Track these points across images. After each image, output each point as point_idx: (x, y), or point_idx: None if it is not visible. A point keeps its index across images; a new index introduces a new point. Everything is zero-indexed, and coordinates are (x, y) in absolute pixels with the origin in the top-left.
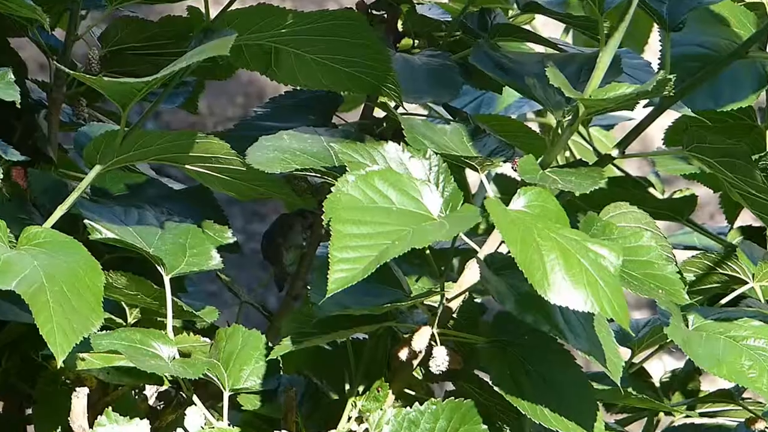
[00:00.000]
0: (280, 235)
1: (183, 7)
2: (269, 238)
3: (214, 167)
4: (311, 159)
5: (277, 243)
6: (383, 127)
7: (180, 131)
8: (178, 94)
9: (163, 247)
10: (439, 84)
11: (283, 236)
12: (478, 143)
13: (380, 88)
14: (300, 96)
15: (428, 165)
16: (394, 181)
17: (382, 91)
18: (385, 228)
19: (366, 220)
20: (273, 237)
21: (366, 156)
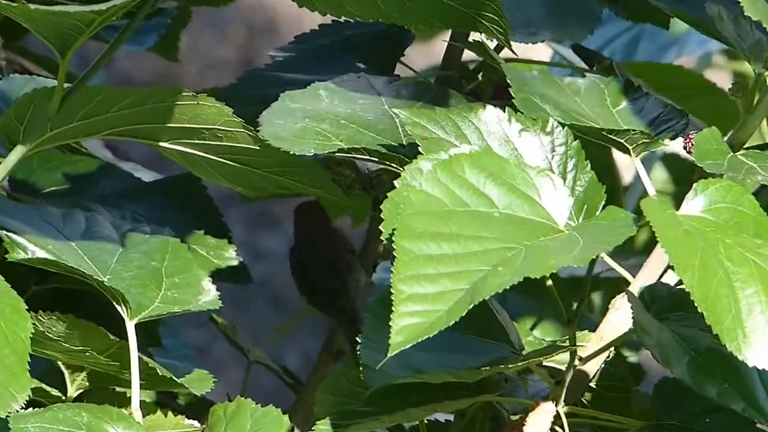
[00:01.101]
0: (343, 264)
1: None
2: (322, 270)
3: (208, 146)
4: (363, 132)
5: (338, 277)
6: (477, 81)
7: (153, 88)
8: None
9: (125, 274)
10: (565, 12)
11: (347, 267)
12: (630, 109)
13: (474, 19)
14: (342, 32)
15: (550, 144)
16: (495, 170)
17: (476, 25)
18: (481, 246)
19: (451, 233)
20: (330, 268)
21: (450, 129)
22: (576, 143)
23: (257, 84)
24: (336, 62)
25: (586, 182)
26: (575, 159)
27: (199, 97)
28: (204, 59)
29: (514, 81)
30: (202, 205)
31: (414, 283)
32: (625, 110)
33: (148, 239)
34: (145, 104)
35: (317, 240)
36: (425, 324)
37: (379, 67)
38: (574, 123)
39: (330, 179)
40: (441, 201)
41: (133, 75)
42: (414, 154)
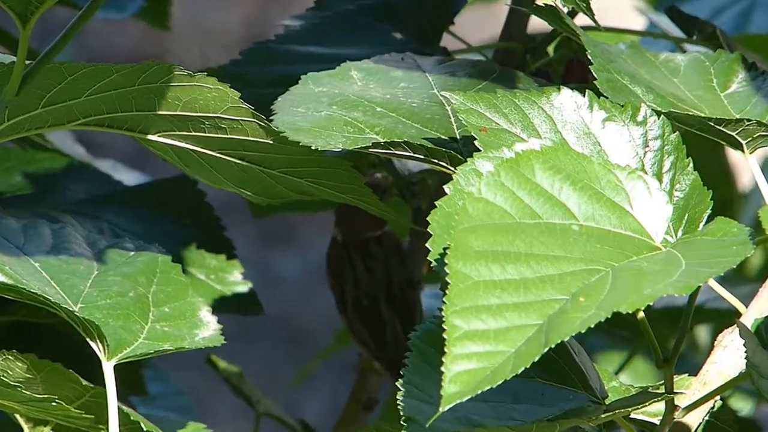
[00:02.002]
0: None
1: None
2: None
3: (208, 139)
4: (405, 123)
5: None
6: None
7: (138, 64)
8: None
9: (102, 303)
10: None
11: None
12: (743, 93)
13: None
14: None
15: (642, 137)
16: (573, 171)
17: None
18: (557, 268)
19: (518, 252)
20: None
21: (515, 118)
22: (675, 136)
23: (268, 60)
24: (366, 32)
25: (687, 186)
26: (674, 156)
27: (196, 77)
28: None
29: (597, 57)
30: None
31: (472, 316)
32: (736, 94)
33: (131, 258)
34: (128, 85)
35: (391, 266)
36: (487, 370)
37: (421, 37)
38: (673, 111)
39: (363, 182)
40: (505, 211)
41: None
42: (469, 150)
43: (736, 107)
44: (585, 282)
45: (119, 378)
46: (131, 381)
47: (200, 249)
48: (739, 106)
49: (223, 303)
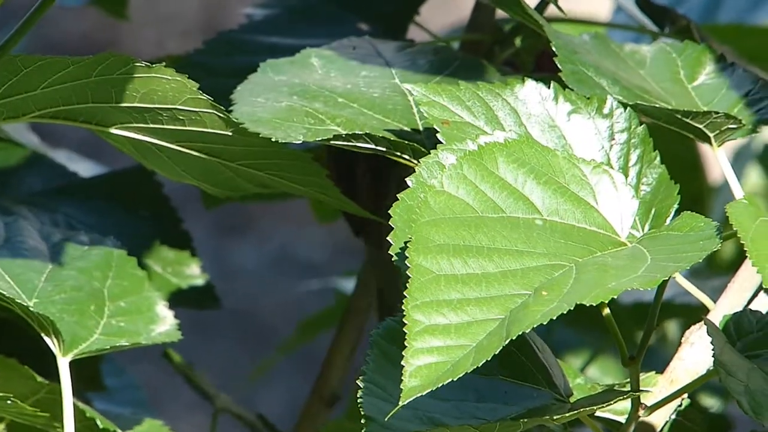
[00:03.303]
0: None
1: None
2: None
3: (166, 131)
4: (367, 114)
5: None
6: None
7: (95, 56)
8: None
9: (57, 297)
10: None
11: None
12: (711, 84)
13: None
14: None
15: (608, 129)
16: (537, 165)
17: None
18: (519, 263)
19: (480, 246)
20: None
21: (479, 110)
22: (641, 129)
23: (229, 50)
24: (331, 22)
25: (654, 179)
26: (640, 149)
27: (154, 68)
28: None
29: (562, 48)
30: (156, 208)
31: (433, 311)
32: (704, 86)
33: (86, 252)
34: (85, 77)
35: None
36: (447, 364)
37: (387, 27)
38: (639, 103)
39: (324, 174)
40: (467, 205)
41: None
42: (432, 142)
43: (704, 99)
44: (548, 277)
45: (76, 373)
46: (88, 376)
47: (157, 241)
48: (707, 98)
49: (180, 296)
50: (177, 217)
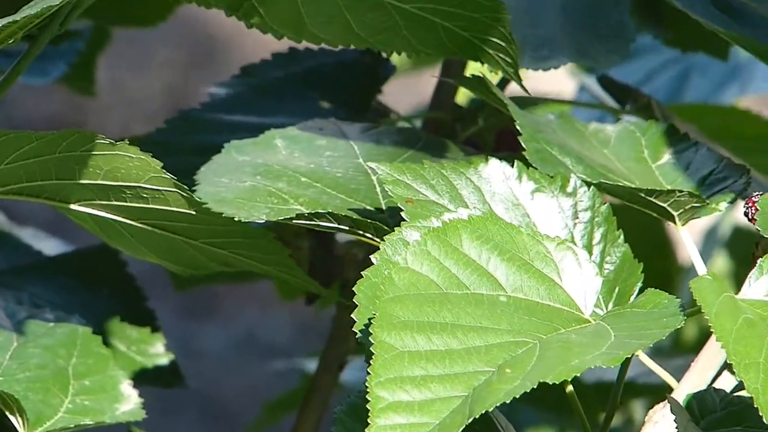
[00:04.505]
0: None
1: None
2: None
3: (130, 209)
4: (330, 193)
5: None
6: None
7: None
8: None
9: (21, 375)
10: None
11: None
12: (675, 163)
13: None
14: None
15: (571, 208)
16: (501, 242)
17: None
18: (483, 340)
19: (444, 323)
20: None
21: (443, 188)
22: (605, 208)
23: (192, 129)
24: (294, 101)
25: (618, 258)
26: (604, 228)
27: (118, 146)
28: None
29: (525, 127)
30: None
31: (396, 388)
32: (668, 165)
33: (51, 330)
34: (49, 154)
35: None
36: None
37: (349, 107)
38: (603, 182)
39: (287, 253)
40: (432, 281)
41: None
42: (396, 221)
43: (668, 178)
44: (512, 354)
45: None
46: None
47: (122, 320)
48: (671, 177)
49: (144, 375)
50: (141, 295)
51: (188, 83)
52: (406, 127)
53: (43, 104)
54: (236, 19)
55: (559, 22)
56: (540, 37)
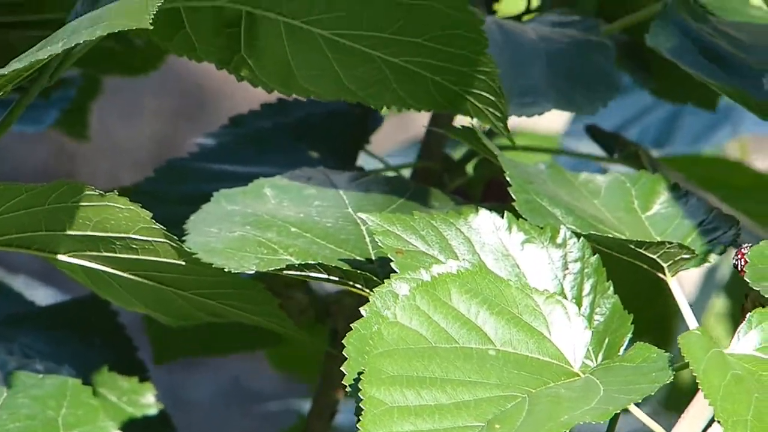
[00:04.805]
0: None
1: None
2: None
3: (119, 260)
4: (320, 244)
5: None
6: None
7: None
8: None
9: (12, 426)
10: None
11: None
12: (664, 214)
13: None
14: (290, 112)
15: (561, 259)
16: (490, 295)
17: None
18: (472, 394)
19: (433, 377)
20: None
21: (432, 239)
22: (594, 259)
23: (180, 178)
24: (282, 151)
25: (607, 309)
26: (593, 279)
27: (107, 197)
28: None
29: (515, 178)
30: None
31: None
32: (658, 216)
33: (41, 380)
34: (38, 205)
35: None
36: None
37: (337, 157)
38: (593, 233)
39: (277, 304)
40: (421, 336)
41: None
42: (385, 272)
43: (658, 229)
44: (501, 408)
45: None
46: None
47: (112, 370)
48: (661, 228)
49: (134, 426)
50: (132, 346)
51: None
52: (394, 177)
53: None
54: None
55: (544, 71)
56: (524, 85)
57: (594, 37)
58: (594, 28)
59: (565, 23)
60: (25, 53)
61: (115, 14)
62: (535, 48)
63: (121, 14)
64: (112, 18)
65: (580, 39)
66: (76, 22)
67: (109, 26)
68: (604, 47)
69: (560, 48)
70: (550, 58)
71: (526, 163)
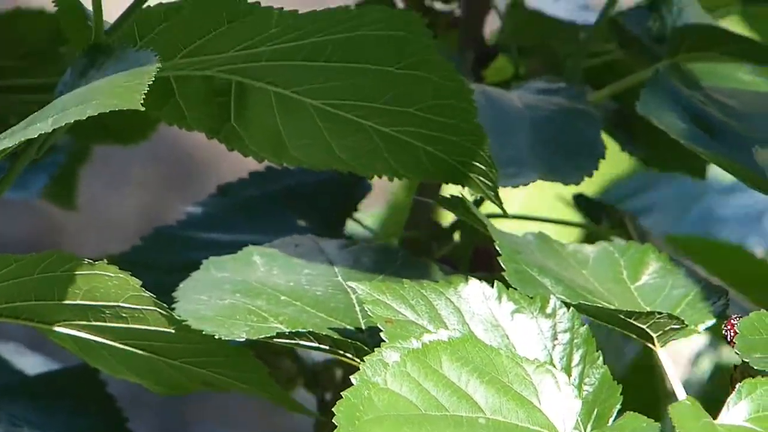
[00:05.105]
0: None
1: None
2: None
3: (109, 329)
4: (310, 312)
5: None
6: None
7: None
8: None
9: None
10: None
11: None
12: (653, 284)
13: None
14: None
15: (551, 329)
16: (480, 364)
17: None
18: None
19: None
20: None
21: (422, 309)
22: (584, 329)
23: (168, 246)
24: (270, 219)
25: (597, 380)
26: (583, 349)
27: (97, 265)
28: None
29: (504, 248)
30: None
31: None
32: (646, 286)
33: None
34: (28, 275)
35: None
36: None
37: (325, 225)
38: (582, 303)
39: (266, 372)
40: (411, 403)
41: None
42: (376, 340)
43: (647, 299)
44: None
45: None
46: None
47: None
48: (650, 298)
49: None
50: (122, 416)
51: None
52: (384, 245)
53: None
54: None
55: (528, 140)
56: (509, 156)
57: (580, 105)
58: (581, 96)
59: (552, 90)
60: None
61: (105, 93)
62: (520, 116)
63: (111, 94)
64: (102, 97)
65: (566, 107)
66: (66, 97)
67: (100, 106)
68: (589, 115)
69: (545, 116)
70: (534, 127)
71: (514, 233)
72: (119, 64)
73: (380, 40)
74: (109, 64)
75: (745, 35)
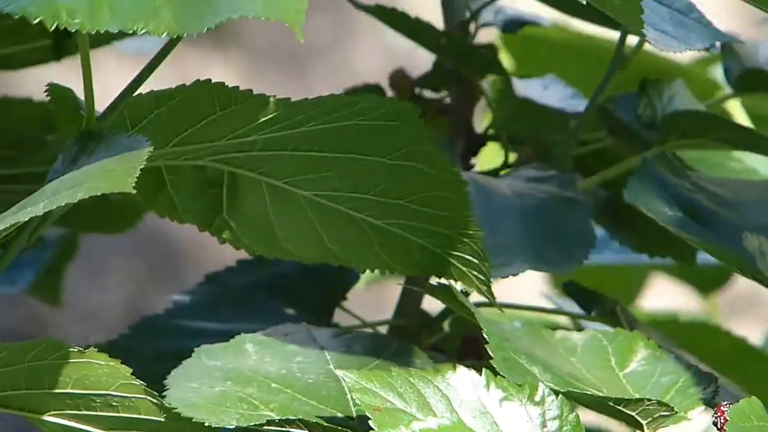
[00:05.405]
0: None
1: (40, 83)
2: None
3: (99, 418)
4: (301, 400)
5: None
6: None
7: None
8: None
9: None
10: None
11: None
12: (642, 371)
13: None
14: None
15: (540, 417)
16: None
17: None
18: None
19: None
20: None
21: (410, 397)
22: (573, 416)
23: (155, 335)
24: (258, 308)
25: None
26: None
27: (87, 353)
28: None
29: (493, 336)
30: None
31: None
32: (635, 374)
33: None
34: (18, 363)
35: None
36: None
37: (313, 313)
38: (571, 390)
39: None
40: None
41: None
42: (366, 429)
43: (636, 386)
44: None
45: None
46: None
47: None
48: (639, 386)
49: None
50: None
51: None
52: (376, 334)
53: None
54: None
55: (518, 229)
56: (499, 244)
57: (570, 193)
58: (570, 183)
59: (542, 178)
60: (3, 214)
61: (97, 177)
62: (510, 204)
63: (103, 177)
64: (94, 180)
65: (556, 194)
66: (57, 182)
67: (91, 189)
68: (579, 203)
69: (535, 204)
70: (524, 215)
71: (502, 321)
72: (111, 150)
73: (372, 130)
74: (100, 149)
75: (737, 122)
